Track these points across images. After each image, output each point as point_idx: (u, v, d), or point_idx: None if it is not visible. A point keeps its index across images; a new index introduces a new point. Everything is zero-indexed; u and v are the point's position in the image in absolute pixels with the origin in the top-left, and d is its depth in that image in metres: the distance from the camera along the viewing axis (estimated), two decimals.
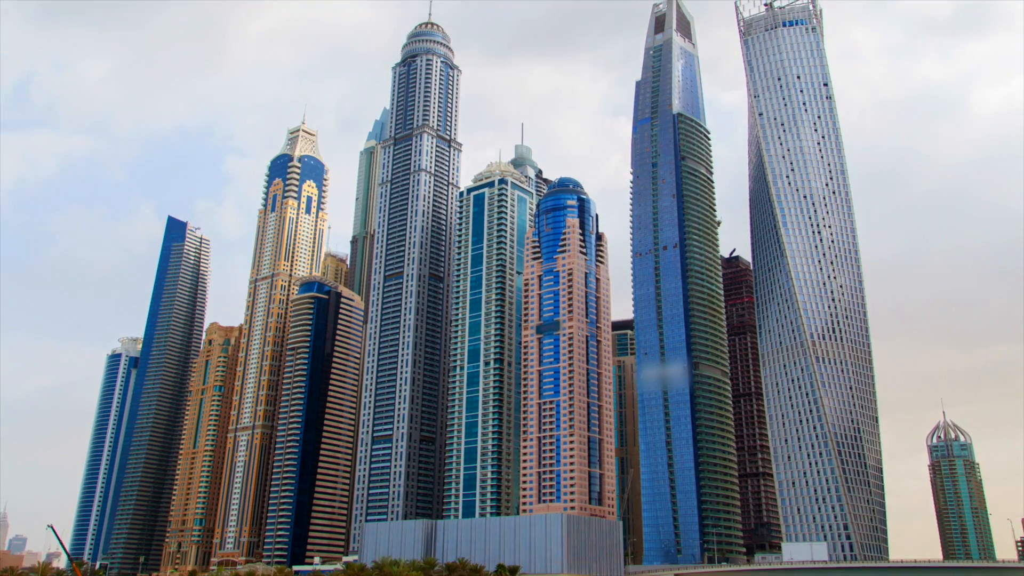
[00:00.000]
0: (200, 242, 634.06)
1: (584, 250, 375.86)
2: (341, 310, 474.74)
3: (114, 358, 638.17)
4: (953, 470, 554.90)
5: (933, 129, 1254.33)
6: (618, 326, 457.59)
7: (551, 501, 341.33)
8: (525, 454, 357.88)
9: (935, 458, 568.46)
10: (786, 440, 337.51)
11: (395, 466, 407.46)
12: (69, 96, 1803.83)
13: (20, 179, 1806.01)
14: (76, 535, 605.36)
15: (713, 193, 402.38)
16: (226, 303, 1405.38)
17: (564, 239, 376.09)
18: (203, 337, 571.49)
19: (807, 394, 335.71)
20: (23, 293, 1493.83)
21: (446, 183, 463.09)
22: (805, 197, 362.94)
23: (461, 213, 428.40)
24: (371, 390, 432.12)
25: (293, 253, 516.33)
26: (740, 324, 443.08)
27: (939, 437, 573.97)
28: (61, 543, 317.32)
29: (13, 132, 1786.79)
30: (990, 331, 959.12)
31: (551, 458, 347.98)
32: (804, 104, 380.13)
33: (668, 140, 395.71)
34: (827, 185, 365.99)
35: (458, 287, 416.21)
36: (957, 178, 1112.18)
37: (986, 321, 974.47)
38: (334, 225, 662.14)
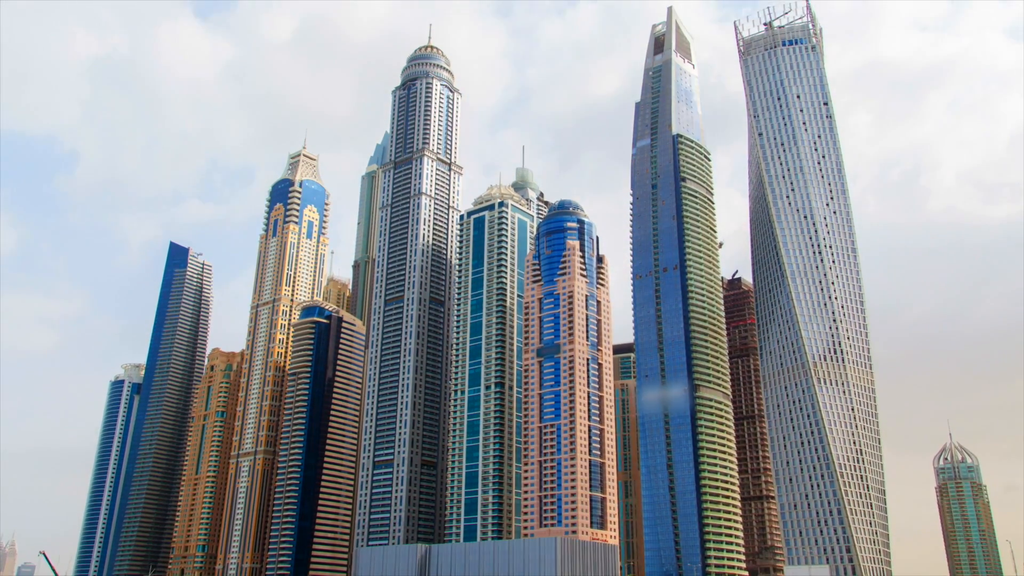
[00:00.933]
0: (202, 268, 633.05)
1: (584, 272, 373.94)
2: (342, 335, 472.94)
3: (117, 384, 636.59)
4: (960, 492, 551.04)
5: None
6: (622, 349, 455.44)
7: (552, 525, 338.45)
8: (526, 478, 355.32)
9: (942, 480, 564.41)
10: (787, 462, 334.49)
11: (396, 491, 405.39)
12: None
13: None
14: (80, 561, 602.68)
15: (714, 214, 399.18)
16: (229, 328, 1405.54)
17: (564, 262, 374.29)
18: (205, 363, 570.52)
19: (808, 416, 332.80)
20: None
21: (446, 206, 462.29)
22: (805, 217, 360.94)
23: (461, 236, 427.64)
24: (372, 414, 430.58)
25: (294, 278, 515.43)
26: (743, 346, 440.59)
27: (946, 459, 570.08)
28: (54, 570, 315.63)
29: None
30: (1004, 367, 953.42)
31: (552, 482, 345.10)
32: (804, 123, 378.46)
33: (667, 161, 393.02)
34: (827, 205, 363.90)
35: (459, 311, 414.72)
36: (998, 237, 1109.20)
37: (1000, 357, 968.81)
38: (338, 250, 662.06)
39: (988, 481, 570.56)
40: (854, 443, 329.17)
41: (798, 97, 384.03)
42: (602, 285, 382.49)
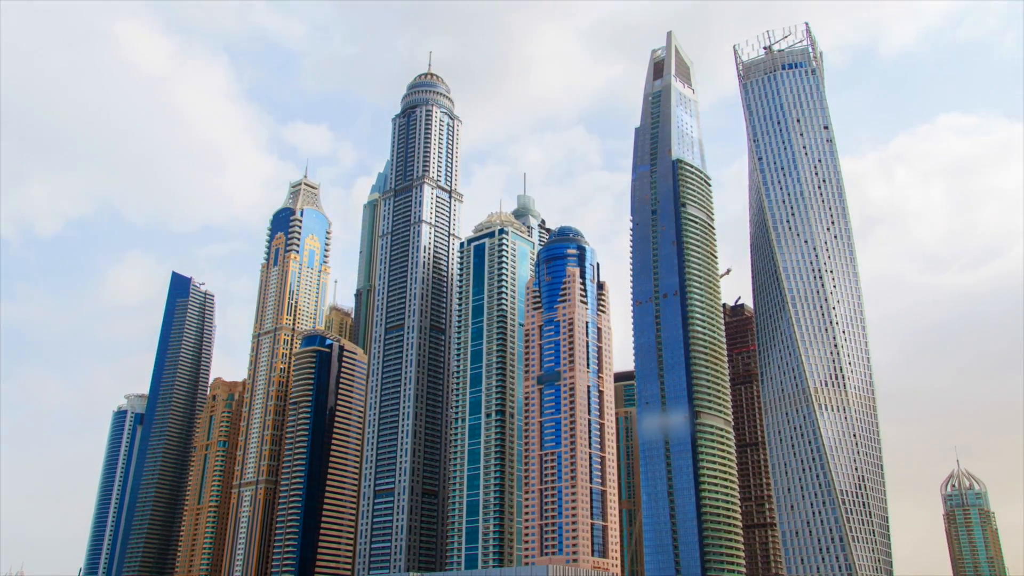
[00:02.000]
0: (204, 297, 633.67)
1: (584, 299, 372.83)
2: (344, 363, 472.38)
3: (120, 415, 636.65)
4: (968, 519, 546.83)
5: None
6: (625, 376, 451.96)
7: (554, 553, 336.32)
8: (527, 506, 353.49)
9: (949, 507, 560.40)
10: (789, 489, 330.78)
11: (397, 519, 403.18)
12: None
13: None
14: None
15: (714, 240, 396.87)
16: (232, 356, 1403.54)
17: (564, 288, 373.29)
18: (208, 392, 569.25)
19: (810, 442, 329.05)
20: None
21: (447, 234, 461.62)
22: (806, 242, 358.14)
23: (462, 264, 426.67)
24: (373, 443, 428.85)
25: (296, 307, 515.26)
26: (746, 373, 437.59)
27: (953, 486, 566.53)
28: None
29: None
30: (1012, 390, 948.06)
31: (553, 510, 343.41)
32: (804, 147, 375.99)
33: (667, 187, 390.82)
34: (828, 229, 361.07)
35: (459, 338, 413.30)
36: None
37: (1008, 380, 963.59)
38: (341, 278, 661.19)
39: (996, 508, 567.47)
40: (856, 469, 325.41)
41: (798, 121, 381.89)
42: (603, 312, 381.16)
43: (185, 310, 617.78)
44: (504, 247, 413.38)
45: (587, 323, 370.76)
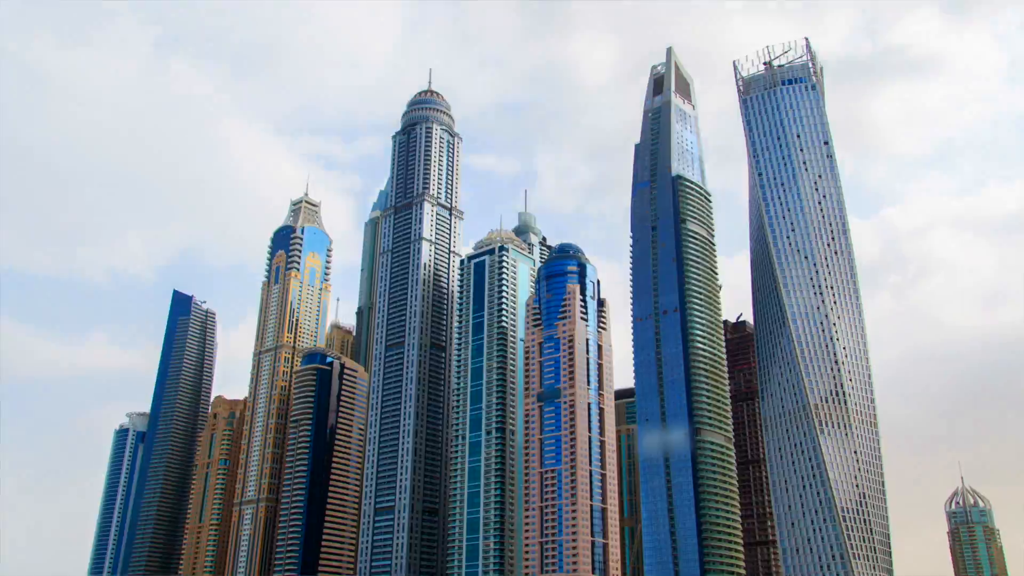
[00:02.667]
0: (206, 315, 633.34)
1: (584, 316, 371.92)
2: (344, 381, 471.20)
3: (121, 433, 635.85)
4: (972, 536, 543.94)
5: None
6: (627, 394, 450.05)
7: (554, 571, 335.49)
8: (527, 524, 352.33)
9: (954, 525, 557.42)
10: (789, 506, 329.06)
11: (397, 538, 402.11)
12: None
13: None
14: None
15: (715, 256, 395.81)
16: (233, 374, 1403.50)
17: (564, 305, 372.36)
18: (209, 411, 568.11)
19: (810, 459, 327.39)
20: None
21: (447, 251, 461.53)
22: (806, 258, 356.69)
23: (462, 281, 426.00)
24: (373, 461, 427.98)
25: (296, 325, 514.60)
26: (748, 390, 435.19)
27: (957, 503, 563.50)
28: None
29: None
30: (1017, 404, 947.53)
31: (553, 528, 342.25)
32: (805, 163, 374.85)
33: (667, 203, 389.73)
34: (829, 245, 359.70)
35: (459, 356, 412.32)
36: None
37: (1012, 394, 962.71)
38: (344, 296, 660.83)
39: (1001, 525, 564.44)
40: (857, 486, 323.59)
41: (798, 136, 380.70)
42: (603, 329, 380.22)
43: (187, 328, 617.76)
44: (504, 264, 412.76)
45: (587, 340, 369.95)
